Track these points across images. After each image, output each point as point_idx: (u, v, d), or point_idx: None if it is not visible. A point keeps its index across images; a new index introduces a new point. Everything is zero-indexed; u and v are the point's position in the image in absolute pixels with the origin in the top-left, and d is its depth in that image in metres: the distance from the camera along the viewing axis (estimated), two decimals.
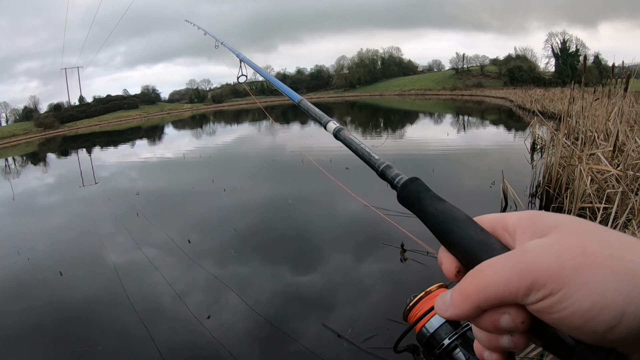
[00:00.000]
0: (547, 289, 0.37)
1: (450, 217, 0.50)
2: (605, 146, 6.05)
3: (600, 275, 0.35)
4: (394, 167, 0.64)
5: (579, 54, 76.66)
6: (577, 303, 0.35)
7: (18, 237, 7.55)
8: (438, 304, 0.45)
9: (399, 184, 0.59)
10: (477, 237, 0.46)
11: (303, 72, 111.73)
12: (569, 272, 0.36)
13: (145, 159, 17.93)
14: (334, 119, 0.84)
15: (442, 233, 0.50)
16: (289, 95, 1.12)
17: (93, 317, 4.23)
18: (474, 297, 0.40)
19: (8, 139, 61.35)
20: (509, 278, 0.38)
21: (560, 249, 0.38)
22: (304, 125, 26.56)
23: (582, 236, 0.39)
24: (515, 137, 15.11)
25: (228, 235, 6.25)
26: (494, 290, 0.39)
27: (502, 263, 0.40)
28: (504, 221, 0.46)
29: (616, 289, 0.34)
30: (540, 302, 0.37)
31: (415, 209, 0.55)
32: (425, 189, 0.56)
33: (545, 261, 0.37)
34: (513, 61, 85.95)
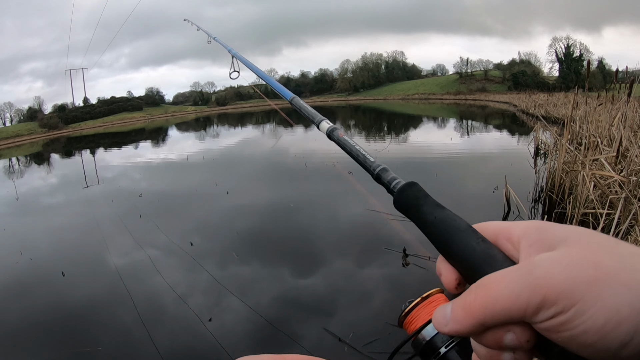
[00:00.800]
0: (558, 306, 0.35)
1: (451, 226, 0.48)
2: (608, 152, 6.03)
3: (614, 290, 0.33)
4: (390, 171, 0.62)
5: (583, 58, 76.54)
6: (591, 320, 0.33)
7: (21, 236, 7.57)
8: (437, 317, 0.42)
9: (395, 189, 0.57)
10: (479, 249, 0.44)
11: (307, 75, 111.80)
12: (582, 288, 0.34)
13: (149, 160, 17.95)
14: (326, 119, 0.83)
15: (442, 243, 0.48)
16: (282, 93, 1.11)
17: (95, 318, 4.23)
18: (478, 313, 0.38)
19: (12, 139, 61.60)
20: (517, 294, 0.36)
21: (572, 263, 0.36)
22: (307, 129, 26.59)
23: (594, 249, 0.37)
24: (518, 142, 15.11)
25: (230, 238, 6.25)
26: (502, 307, 0.37)
27: (510, 278, 0.38)
28: (509, 231, 0.44)
29: (630, 304, 0.33)
30: (550, 320, 0.35)
31: (413, 216, 0.53)
32: (424, 194, 0.54)
33: (557, 276, 0.35)
34: (517, 66, 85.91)
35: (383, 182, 0.61)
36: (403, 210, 0.55)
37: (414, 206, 0.53)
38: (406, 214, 0.54)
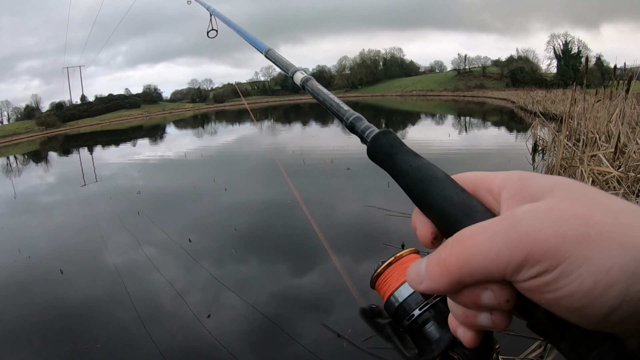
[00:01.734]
0: (542, 264, 0.32)
1: (427, 175, 0.45)
2: (606, 148, 6.04)
3: (606, 250, 0.30)
4: (364, 119, 0.59)
5: (581, 55, 76.70)
6: (578, 282, 0.31)
7: (19, 235, 7.55)
8: (411, 274, 0.39)
9: (369, 137, 0.54)
10: (458, 199, 0.41)
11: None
12: (571, 245, 0.31)
13: (147, 158, 17.93)
14: (302, 69, 0.79)
15: (417, 193, 0.45)
16: (256, 46, 1.07)
17: (93, 316, 4.23)
18: (454, 270, 0.36)
19: (10, 137, 61.49)
20: (498, 251, 0.33)
21: (560, 217, 0.32)
22: (305, 125, 26.60)
23: (585, 203, 0.33)
24: (516, 138, 15.10)
25: (229, 235, 6.25)
26: (479, 264, 0.34)
27: (490, 232, 0.35)
28: (488, 181, 0.41)
29: (622, 266, 0.30)
30: (532, 280, 0.33)
31: (387, 166, 0.50)
32: (399, 142, 0.50)
33: (543, 231, 0.32)
34: (515, 62, 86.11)
35: (357, 131, 0.58)
36: (377, 159, 0.51)
37: (388, 154, 0.50)
38: (380, 164, 0.51)
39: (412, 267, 0.39)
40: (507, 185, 0.39)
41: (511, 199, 0.38)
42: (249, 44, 1.13)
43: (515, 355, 2.87)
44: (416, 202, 0.45)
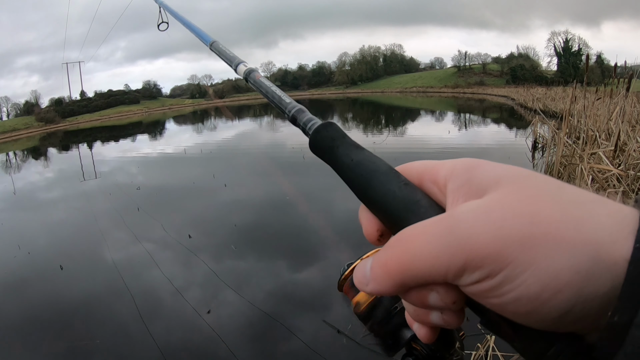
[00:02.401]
0: (483, 270, 0.30)
1: (368, 169, 0.43)
2: (606, 146, 6.04)
3: (553, 250, 0.28)
4: (307, 112, 0.55)
5: (582, 53, 76.68)
6: (523, 287, 0.29)
7: (19, 231, 7.57)
8: (357, 275, 0.37)
9: (310, 130, 0.51)
10: (400, 194, 0.39)
11: (305, 68, 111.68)
12: (514, 248, 0.29)
13: (146, 154, 17.94)
14: (245, 62, 0.76)
15: (359, 188, 0.43)
16: (201, 38, 1.06)
17: (92, 311, 4.23)
18: (395, 274, 0.34)
19: (9, 133, 61.53)
20: (436, 256, 0.31)
21: (502, 217, 0.30)
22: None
23: (531, 196, 0.31)
24: (516, 135, 15.09)
25: (229, 231, 6.25)
26: (419, 268, 0.32)
27: (429, 234, 0.32)
28: (434, 172, 0.39)
29: (572, 267, 0.28)
30: (475, 285, 0.31)
31: (329, 160, 0.48)
32: (340, 135, 0.48)
33: (482, 235, 0.30)
34: (515, 60, 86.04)
35: (299, 124, 0.55)
36: (319, 153, 0.50)
37: (330, 148, 0.48)
38: (322, 158, 0.49)
39: (358, 268, 0.38)
40: (453, 176, 0.36)
41: (456, 191, 0.35)
42: (195, 36, 1.11)
43: (514, 352, 2.87)
44: (359, 197, 0.44)
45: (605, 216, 0.29)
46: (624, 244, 0.28)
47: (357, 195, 0.44)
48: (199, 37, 1.05)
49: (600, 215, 0.29)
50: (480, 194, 0.33)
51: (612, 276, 0.27)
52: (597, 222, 0.29)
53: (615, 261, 0.27)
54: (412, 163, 0.42)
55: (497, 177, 0.33)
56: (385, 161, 0.44)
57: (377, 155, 0.44)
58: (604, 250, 0.28)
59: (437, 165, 0.39)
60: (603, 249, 0.28)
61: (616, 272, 0.27)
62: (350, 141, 0.47)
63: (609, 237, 0.28)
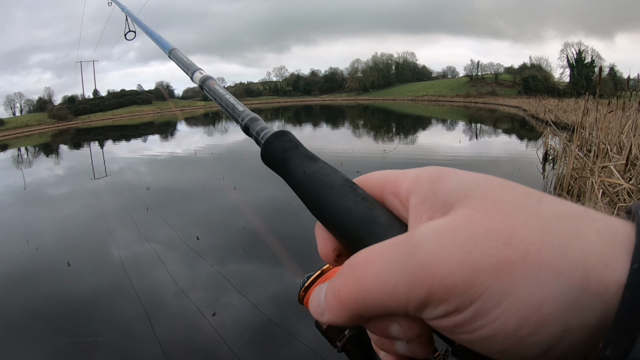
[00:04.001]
0: (450, 303, 0.25)
1: (322, 183, 0.39)
2: (618, 159, 6.00)
3: (533, 278, 0.24)
4: (261, 120, 0.52)
5: (595, 65, 76.32)
6: (498, 322, 0.24)
7: (28, 226, 7.61)
8: (312, 304, 0.33)
9: (262, 140, 0.47)
10: (357, 210, 0.35)
11: (317, 74, 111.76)
12: (485, 277, 0.24)
13: (157, 154, 17.98)
14: (202, 69, 0.74)
15: (314, 204, 0.39)
16: (161, 45, 1.05)
17: (98, 309, 4.25)
18: (349, 304, 0.29)
19: (21, 129, 61.94)
20: (393, 286, 0.27)
21: (471, 239, 0.25)
22: (315, 127, 26.64)
23: (505, 212, 0.26)
24: (527, 147, 15.02)
25: (236, 234, 6.25)
26: (375, 299, 0.28)
27: (385, 260, 0.28)
28: (396, 183, 0.34)
29: (556, 296, 0.23)
30: (440, 320, 0.27)
31: (282, 173, 0.44)
32: (293, 145, 0.45)
33: (447, 261, 0.25)
34: (528, 70, 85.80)
35: (251, 133, 0.51)
36: (271, 165, 0.46)
37: (282, 160, 0.44)
38: (276, 171, 0.45)
39: (313, 296, 0.33)
40: (416, 188, 0.32)
41: (419, 206, 0.31)
42: (155, 43, 1.11)
43: None
44: (314, 214, 0.40)
45: (594, 233, 0.25)
46: (616, 266, 0.24)
47: (311, 211, 0.40)
48: (159, 44, 1.05)
49: (588, 233, 0.25)
50: (446, 209, 0.29)
51: (603, 304, 0.23)
52: (585, 241, 0.24)
53: (607, 286, 0.23)
54: (372, 174, 0.38)
55: (465, 190, 0.29)
56: (343, 173, 0.40)
57: (333, 167, 0.41)
58: (594, 274, 0.24)
59: (399, 176, 0.34)
60: (592, 273, 0.24)
61: (608, 299, 0.23)
62: (304, 152, 0.44)
63: (599, 259, 0.24)
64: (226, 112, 0.59)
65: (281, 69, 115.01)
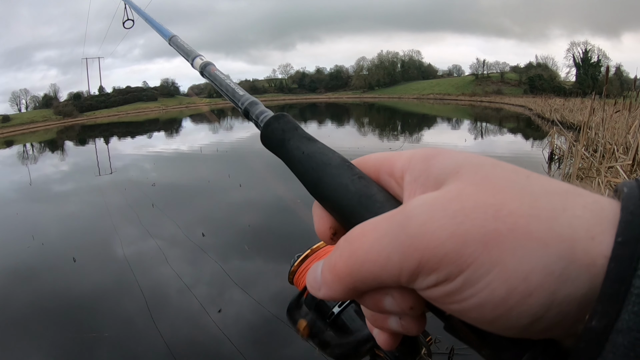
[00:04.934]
0: (440, 272, 0.26)
1: (320, 162, 0.40)
2: (624, 159, 5.97)
3: (522, 248, 0.25)
4: (260, 104, 0.53)
5: (601, 64, 76.02)
6: (487, 291, 0.25)
7: (33, 221, 7.62)
8: (309, 281, 0.34)
9: (262, 123, 0.49)
10: (353, 188, 0.36)
11: (322, 71, 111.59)
12: (475, 247, 0.25)
13: (162, 151, 18.02)
14: (202, 55, 0.74)
15: (310, 183, 0.40)
16: (161, 33, 1.04)
17: (103, 305, 4.26)
18: (345, 277, 0.30)
19: (27, 125, 62.23)
20: (386, 257, 0.28)
21: (460, 211, 0.26)
22: (320, 125, 26.63)
23: (494, 187, 0.27)
24: (533, 146, 14.96)
25: (242, 231, 6.25)
26: (369, 271, 0.29)
27: (379, 232, 0.29)
28: (391, 163, 0.35)
29: (545, 267, 0.24)
30: (432, 289, 0.27)
31: (280, 153, 0.45)
32: (292, 127, 0.45)
33: (437, 233, 0.26)
34: (534, 69, 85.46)
35: (251, 117, 0.53)
36: (270, 147, 0.47)
37: (280, 141, 0.45)
38: (274, 152, 0.46)
39: (310, 272, 0.34)
40: (410, 166, 0.33)
41: (413, 183, 0.32)
42: (155, 31, 1.10)
43: None
44: (311, 192, 0.41)
45: (581, 208, 0.26)
46: (602, 239, 0.24)
47: (309, 190, 0.41)
48: (159, 32, 1.04)
49: (575, 208, 0.26)
50: (438, 185, 0.30)
51: (590, 276, 0.24)
52: (572, 215, 0.25)
53: (594, 259, 0.24)
54: (369, 155, 0.39)
55: (457, 166, 0.30)
56: (340, 154, 0.41)
57: (330, 148, 0.42)
58: (580, 247, 0.24)
59: (394, 157, 0.36)
60: (579, 246, 0.24)
61: (595, 271, 0.24)
62: (303, 133, 0.45)
63: (586, 232, 0.25)
64: (226, 97, 0.60)
65: (286, 66, 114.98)
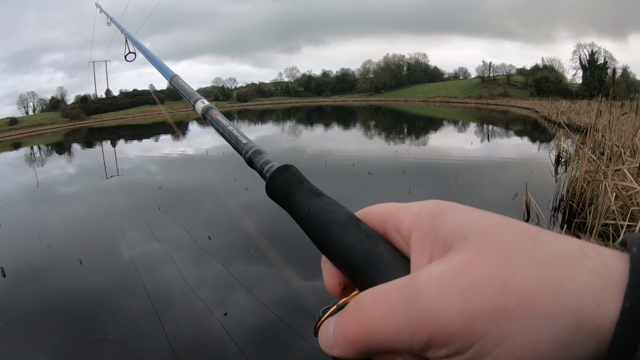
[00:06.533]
0: (451, 347, 0.27)
1: (327, 219, 0.40)
2: (631, 162, 5.95)
3: (528, 322, 0.25)
4: (265, 153, 0.54)
5: (607, 66, 75.58)
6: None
7: (40, 223, 7.67)
8: (322, 338, 0.34)
9: (267, 174, 0.49)
10: (361, 246, 0.36)
11: (329, 74, 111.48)
12: (483, 323, 0.26)
13: (169, 153, 18.07)
14: (204, 98, 0.74)
15: (319, 240, 0.40)
16: (162, 72, 1.04)
17: (109, 307, 4.27)
18: (356, 342, 0.31)
19: (34, 127, 62.44)
20: (397, 330, 0.28)
21: (470, 286, 0.27)
22: (327, 128, 26.64)
23: (503, 255, 0.28)
24: (539, 149, 14.93)
25: (248, 234, 6.26)
26: (381, 340, 0.29)
27: (389, 303, 0.29)
28: (397, 219, 0.36)
29: (551, 338, 0.25)
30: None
31: (287, 208, 0.46)
32: (297, 180, 0.46)
33: (447, 309, 0.27)
34: (540, 71, 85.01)
35: (255, 166, 0.54)
36: (276, 200, 0.48)
37: (286, 195, 0.45)
38: (280, 205, 0.47)
39: (322, 329, 0.35)
40: (417, 225, 0.34)
41: (421, 242, 0.32)
42: (156, 69, 1.11)
43: None
44: (319, 248, 0.41)
45: (588, 273, 0.26)
46: (609, 304, 0.25)
47: (317, 245, 0.41)
48: (160, 70, 1.05)
49: (582, 274, 0.26)
50: (446, 248, 0.30)
51: (596, 342, 0.25)
52: (579, 282, 0.26)
53: (600, 325, 0.25)
54: (375, 207, 0.40)
55: (464, 230, 0.30)
56: (347, 208, 0.42)
57: (337, 202, 0.43)
58: (587, 314, 0.25)
59: (401, 212, 0.36)
60: (585, 314, 0.25)
61: (601, 336, 0.24)
62: (309, 187, 0.45)
63: (592, 299, 0.25)
64: (229, 144, 0.61)
65: (292, 69, 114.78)
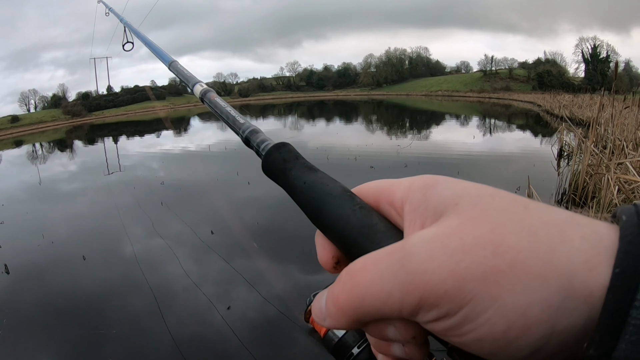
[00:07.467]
0: (440, 309, 0.27)
1: (321, 192, 0.40)
2: (634, 156, 5.94)
3: (520, 285, 0.25)
4: (261, 132, 0.55)
5: (610, 60, 75.45)
6: (486, 326, 0.26)
7: (43, 220, 7.66)
8: (314, 310, 0.35)
9: (263, 152, 0.50)
10: (355, 218, 0.36)
11: (330, 69, 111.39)
12: (474, 284, 0.26)
13: (171, 149, 18.06)
14: (202, 82, 0.75)
15: (313, 212, 0.41)
16: (161, 58, 1.05)
17: (112, 303, 4.28)
18: (347, 310, 0.31)
19: (36, 125, 62.65)
20: (387, 293, 0.29)
21: (460, 248, 0.27)
22: (329, 122, 26.60)
23: (494, 220, 0.28)
24: (542, 142, 14.90)
25: (251, 228, 6.25)
26: (371, 305, 0.30)
27: (380, 267, 0.30)
28: (390, 193, 0.36)
29: (543, 301, 0.25)
30: (432, 323, 0.28)
31: (282, 183, 0.47)
32: (293, 156, 0.47)
33: (437, 270, 0.27)
34: (542, 65, 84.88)
35: (252, 145, 0.55)
36: (271, 176, 0.48)
37: (282, 170, 0.46)
38: (276, 181, 0.48)
39: (315, 302, 0.35)
40: (409, 196, 0.34)
41: (413, 214, 0.33)
42: (155, 55, 1.12)
43: None
44: (313, 222, 0.41)
45: (579, 240, 0.26)
46: (600, 270, 0.25)
47: (311, 219, 0.42)
48: (159, 56, 1.07)
49: (573, 240, 0.26)
50: (437, 216, 0.30)
51: (588, 307, 0.25)
52: (570, 247, 0.26)
53: (592, 290, 0.25)
54: (368, 183, 0.40)
55: (455, 198, 0.30)
56: (341, 183, 0.42)
57: (331, 177, 0.43)
58: (579, 279, 0.25)
59: (394, 185, 0.36)
60: (577, 279, 0.25)
61: (593, 302, 0.24)
62: (304, 162, 0.47)
63: (584, 264, 0.25)
64: (227, 124, 0.63)
65: (294, 64, 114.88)
